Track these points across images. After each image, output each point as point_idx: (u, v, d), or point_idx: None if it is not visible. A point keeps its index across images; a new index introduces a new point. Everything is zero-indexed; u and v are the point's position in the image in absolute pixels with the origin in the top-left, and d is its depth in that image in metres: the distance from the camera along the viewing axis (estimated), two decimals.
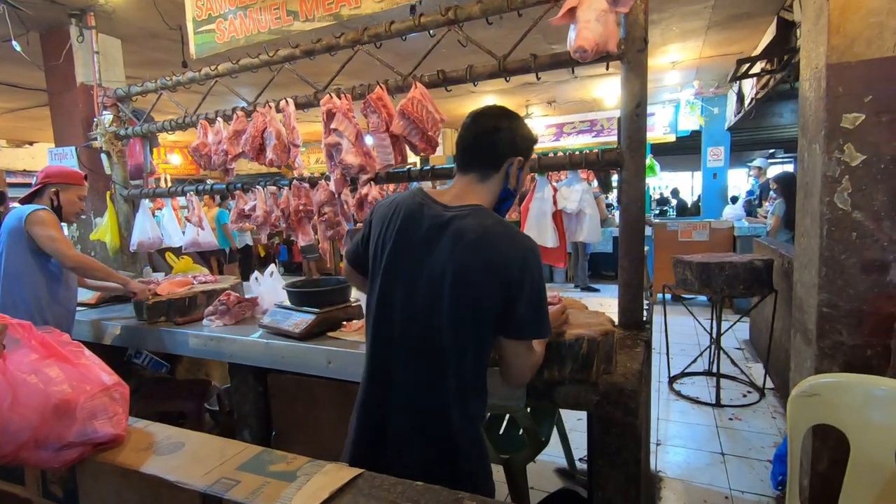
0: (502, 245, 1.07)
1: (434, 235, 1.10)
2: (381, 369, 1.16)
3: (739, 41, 5.06)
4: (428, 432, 1.10)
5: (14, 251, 2.12)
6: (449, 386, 1.09)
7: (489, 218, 1.11)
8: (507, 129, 1.16)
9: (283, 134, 2.43)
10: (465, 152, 1.20)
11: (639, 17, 1.77)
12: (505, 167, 1.17)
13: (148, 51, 4.48)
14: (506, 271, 1.05)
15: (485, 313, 1.07)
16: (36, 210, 2.11)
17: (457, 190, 1.19)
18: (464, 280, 1.06)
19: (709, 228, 5.85)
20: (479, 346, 1.11)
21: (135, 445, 0.97)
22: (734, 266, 3.10)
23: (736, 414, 3.15)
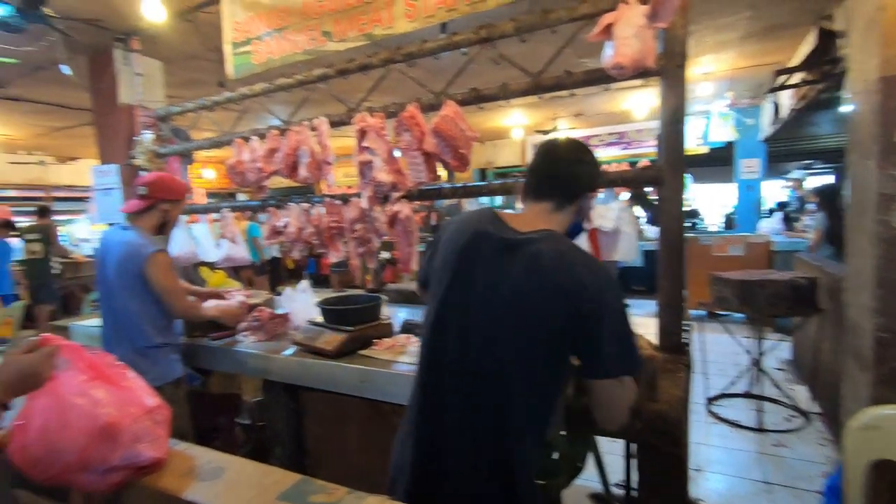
0: (578, 272, 1.01)
1: (504, 258, 1.06)
2: (434, 397, 1.10)
3: (776, 52, 4.93)
4: (484, 467, 1.04)
5: (136, 289, 2.03)
6: (508, 420, 1.02)
7: (565, 243, 1.07)
8: (588, 164, 1.18)
9: (317, 152, 2.46)
10: (543, 180, 1.18)
11: (678, 32, 1.73)
12: (579, 201, 1.17)
13: (187, 72, 4.64)
14: (581, 300, 0.98)
15: (554, 343, 1.01)
16: (156, 253, 2.02)
17: (530, 216, 1.16)
18: (533, 306, 1.01)
19: (744, 243, 5.66)
20: (546, 377, 1.04)
21: (176, 469, 0.98)
22: (776, 284, 2.97)
23: (780, 440, 3.00)
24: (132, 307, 2.04)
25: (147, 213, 2.13)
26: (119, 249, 2.06)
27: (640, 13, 1.68)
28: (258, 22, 2.76)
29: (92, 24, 3.46)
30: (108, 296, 2.11)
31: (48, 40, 3.34)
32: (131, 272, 2.02)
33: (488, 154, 10.35)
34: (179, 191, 2.22)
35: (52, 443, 0.94)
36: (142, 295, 2.03)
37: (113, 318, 2.10)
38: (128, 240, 2.06)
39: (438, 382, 1.10)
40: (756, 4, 3.73)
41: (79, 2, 3.24)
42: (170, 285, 2.05)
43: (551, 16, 1.91)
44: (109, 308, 2.11)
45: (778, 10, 3.88)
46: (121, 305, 2.06)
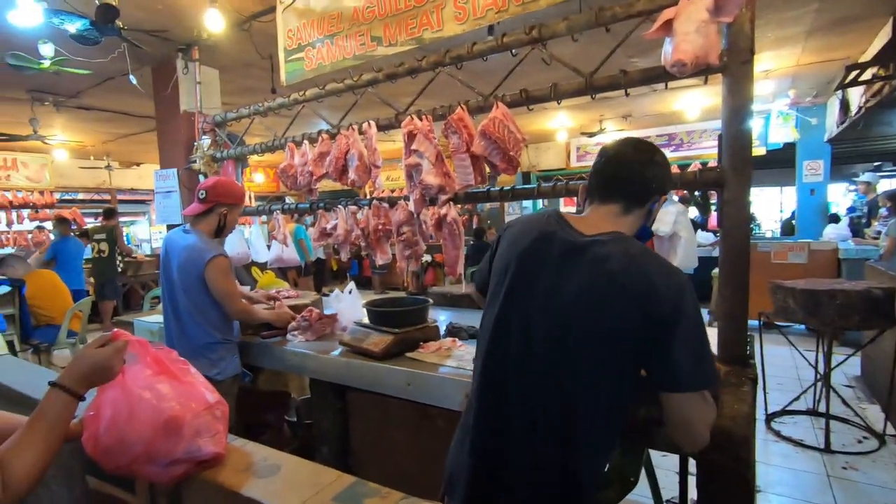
0: (651, 275, 0.95)
1: (569, 260, 1.02)
2: (493, 404, 1.07)
3: (845, 46, 4.62)
4: (547, 480, 1.00)
5: (196, 290, 2.12)
6: (573, 432, 0.98)
7: (635, 246, 1.01)
8: (660, 165, 1.13)
9: (365, 155, 2.49)
10: (611, 181, 1.12)
11: (744, 27, 1.64)
12: (649, 204, 1.12)
13: (241, 79, 4.84)
14: (654, 305, 0.93)
15: (623, 350, 0.96)
16: (216, 257, 2.11)
17: (596, 218, 1.11)
18: (600, 310, 0.96)
19: (807, 250, 5.32)
20: (613, 387, 0.99)
21: (234, 465, 1.00)
22: (847, 294, 2.76)
23: (850, 462, 2.78)
24: (193, 307, 2.14)
25: (206, 216, 2.22)
26: (181, 253, 2.16)
27: (702, 7, 1.60)
28: (310, 29, 2.83)
29: (158, 35, 3.66)
30: (171, 295, 2.22)
31: (117, 52, 3.56)
32: (192, 275, 2.12)
33: (532, 157, 10.22)
34: (237, 195, 2.31)
35: (121, 434, 0.98)
36: (202, 296, 2.13)
37: (176, 317, 2.21)
38: (189, 244, 2.16)
39: (498, 389, 1.06)
40: None
41: (147, 14, 3.44)
42: (227, 288, 2.14)
43: (606, 13, 1.85)
44: (173, 307, 2.21)
45: (849, 2, 3.63)
46: (183, 305, 2.16)
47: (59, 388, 0.92)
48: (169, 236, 2.30)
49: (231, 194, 2.27)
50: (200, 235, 2.19)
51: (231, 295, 2.15)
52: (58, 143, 7.16)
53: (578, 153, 9.34)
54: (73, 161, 8.95)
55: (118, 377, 1.01)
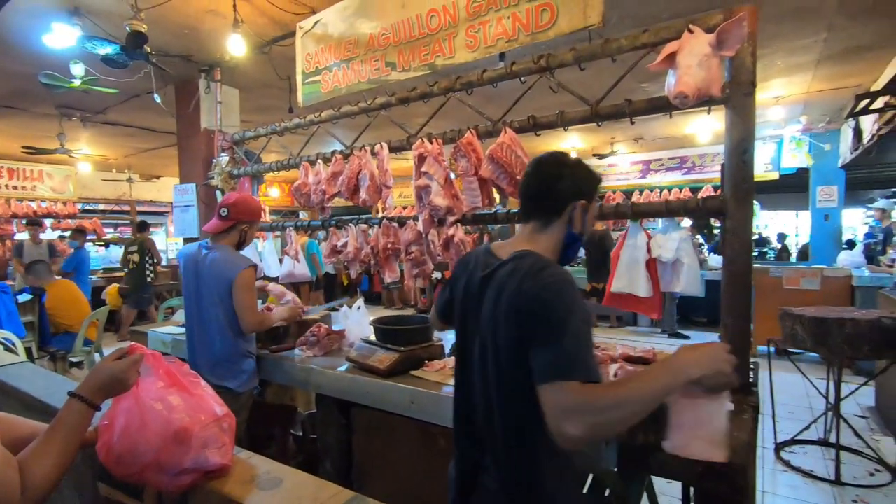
0: (523, 283, 1.03)
1: (484, 287, 1.13)
2: (465, 423, 1.20)
3: (856, 74, 4.64)
4: (511, 489, 1.09)
5: (230, 301, 2.17)
6: (525, 441, 1.07)
7: (527, 262, 1.07)
8: (568, 175, 1.18)
9: (377, 176, 2.56)
10: (528, 201, 1.21)
11: (745, 60, 1.69)
12: (568, 211, 1.16)
13: (260, 98, 5.00)
14: (525, 308, 1.01)
15: (526, 359, 1.00)
16: (248, 268, 2.19)
17: (517, 240, 1.21)
18: (502, 328, 1.06)
19: (820, 276, 5.26)
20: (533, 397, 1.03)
21: (239, 477, 1.04)
22: (857, 324, 2.74)
23: (861, 496, 2.72)
24: (225, 318, 2.19)
25: (228, 232, 2.29)
26: (213, 265, 2.21)
27: (704, 42, 1.65)
28: (327, 54, 2.94)
29: (183, 58, 3.82)
30: (197, 309, 2.26)
31: (143, 72, 3.72)
32: (225, 286, 2.17)
33: None
34: (257, 212, 2.39)
35: (132, 443, 1.02)
36: (231, 308, 2.19)
37: (202, 330, 2.25)
38: (221, 256, 2.22)
39: (465, 412, 1.20)
40: (834, 26, 3.55)
41: (174, 38, 3.60)
42: (248, 300, 2.19)
43: (612, 45, 1.91)
44: (199, 320, 2.26)
45: (859, 32, 3.66)
46: (212, 317, 2.20)
47: (77, 398, 0.98)
48: (189, 251, 2.36)
49: (251, 211, 2.35)
50: (229, 250, 2.26)
51: (251, 308, 2.20)
52: (82, 157, 7.41)
53: None
54: (95, 173, 9.23)
55: (132, 389, 1.06)
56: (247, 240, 2.36)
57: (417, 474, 1.94)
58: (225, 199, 2.32)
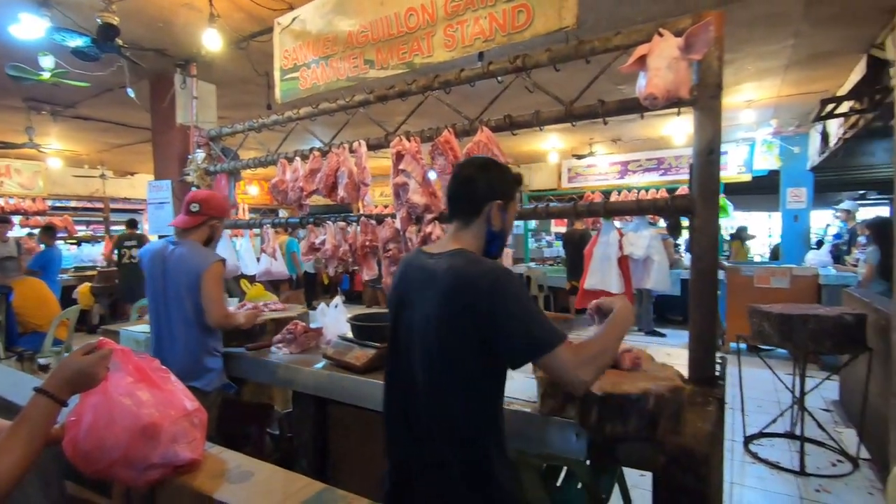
0: (468, 277, 1.11)
1: (419, 286, 1.20)
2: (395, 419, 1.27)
3: (823, 79, 4.80)
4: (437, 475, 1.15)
5: (196, 297, 2.14)
6: (455, 427, 1.14)
7: (460, 257, 1.17)
8: (482, 178, 1.26)
9: (355, 173, 2.56)
10: (450, 202, 1.30)
11: (713, 64, 1.74)
12: (485, 211, 1.24)
13: (237, 94, 4.93)
14: (476, 301, 1.08)
15: (471, 349, 1.10)
16: (217, 262, 2.16)
17: (444, 240, 1.30)
18: (444, 322, 1.12)
19: (789, 275, 5.43)
20: (478, 385, 1.14)
21: (209, 471, 1.04)
22: (821, 320, 2.84)
23: (824, 485, 2.83)
24: (194, 315, 2.15)
25: (198, 228, 2.26)
26: (180, 261, 2.17)
27: (673, 45, 1.70)
28: (306, 50, 2.93)
29: (157, 52, 3.75)
30: (164, 307, 2.21)
31: (116, 66, 3.64)
32: (193, 283, 2.13)
33: (524, 177, 10.37)
34: (226, 209, 2.38)
35: (99, 439, 1.01)
36: (199, 305, 2.15)
37: (169, 328, 2.20)
38: (189, 251, 2.18)
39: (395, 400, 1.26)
40: (801, 33, 3.67)
41: (147, 32, 3.53)
42: (216, 293, 2.17)
43: (585, 47, 1.95)
44: (166, 318, 2.20)
45: (824, 38, 3.79)
46: (179, 315, 2.16)
47: (42, 393, 0.96)
48: (155, 247, 2.30)
49: (222, 208, 2.33)
50: (197, 245, 2.23)
51: (218, 301, 2.18)
52: (52, 152, 7.20)
53: (570, 174, 9.49)
54: (66, 169, 8.97)
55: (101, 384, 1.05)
56: (215, 236, 2.34)
57: None
58: (194, 194, 2.30)
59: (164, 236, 2.52)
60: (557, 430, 1.50)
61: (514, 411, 1.59)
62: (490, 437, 1.17)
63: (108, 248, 8.63)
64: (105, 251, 8.58)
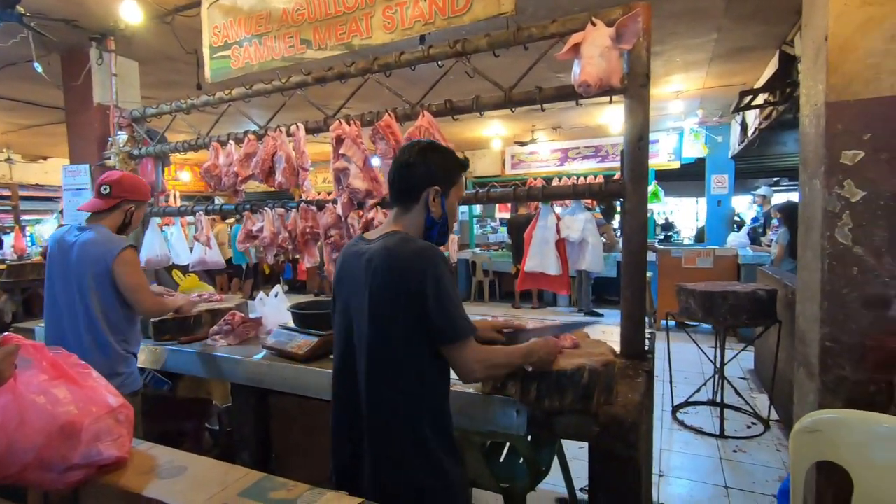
0: (402, 260, 1.14)
1: (356, 270, 1.21)
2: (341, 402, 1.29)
3: (742, 73, 5.15)
4: (382, 457, 1.18)
5: (105, 288, 1.94)
6: (391, 409, 1.17)
7: (394, 238, 1.18)
8: (420, 163, 1.25)
9: (293, 157, 2.48)
10: (390, 187, 1.30)
11: (641, 54, 1.82)
12: (423, 197, 1.24)
13: (164, 73, 4.60)
14: (407, 283, 1.12)
15: (404, 330, 1.14)
16: (126, 248, 1.95)
17: (385, 224, 1.30)
18: (378, 303, 1.14)
19: (713, 256, 5.85)
20: (412, 366, 1.17)
21: (138, 468, 0.99)
22: (737, 296, 3.09)
23: (740, 446, 3.11)
24: (98, 310, 1.94)
25: (110, 212, 2.04)
26: (83, 249, 1.95)
27: (605, 34, 1.76)
28: (237, 27, 2.78)
29: (67, 23, 3.42)
30: (66, 300, 1.98)
31: (20, 37, 3.29)
32: (100, 271, 1.92)
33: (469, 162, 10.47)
34: (144, 191, 2.15)
35: (9, 442, 0.94)
36: (109, 296, 1.95)
37: (72, 323, 1.97)
38: (92, 238, 1.97)
39: (341, 395, 1.29)
40: (723, 28, 3.90)
41: (54, 1, 3.21)
42: (138, 282, 1.98)
43: (523, 33, 1.98)
44: (70, 313, 1.97)
45: (743, 34, 4.06)
46: (82, 308, 1.94)
47: None
48: (58, 235, 2.06)
49: (138, 190, 2.11)
50: (106, 230, 2.01)
51: (142, 288, 1.99)
52: None
53: (513, 161, 9.66)
54: None
55: (9, 383, 0.97)
56: (133, 222, 2.12)
57: None
58: (106, 175, 2.06)
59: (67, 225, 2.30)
60: (499, 407, 1.54)
61: (457, 392, 1.62)
62: (425, 418, 1.19)
63: (18, 240, 7.88)
64: (15, 243, 7.82)
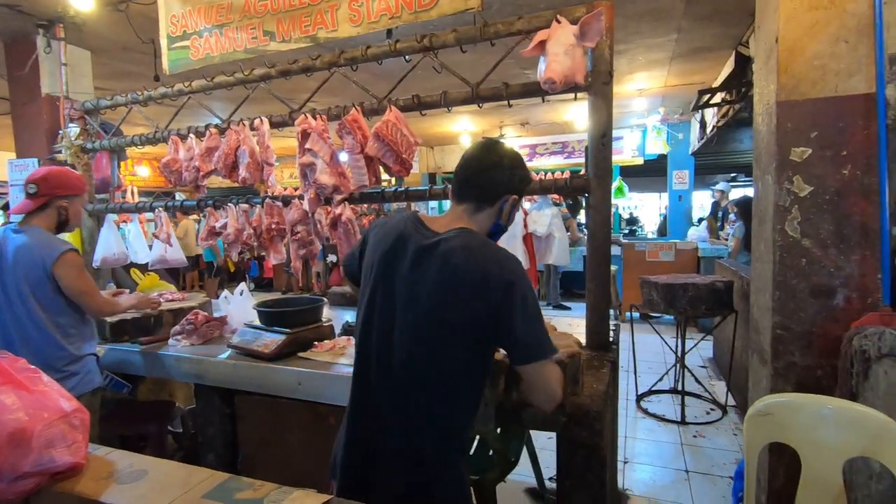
0: (486, 265, 1.06)
1: (421, 259, 1.10)
2: (366, 397, 1.16)
3: (701, 72, 5.32)
4: (407, 459, 1.10)
5: (45, 292, 1.87)
6: (436, 418, 1.09)
7: (476, 239, 1.12)
8: (508, 168, 1.20)
9: (257, 152, 2.42)
10: (465, 183, 1.21)
11: (604, 52, 1.86)
12: (500, 203, 1.19)
13: (119, 63, 4.41)
14: (489, 292, 1.04)
15: (472, 335, 1.06)
16: (66, 252, 1.88)
17: (450, 217, 1.21)
18: (448, 301, 1.06)
19: (674, 249, 6.05)
20: (465, 370, 1.10)
21: (95, 474, 0.95)
22: (697, 287, 3.22)
23: (700, 431, 3.24)
24: (42, 312, 1.87)
25: (42, 211, 1.97)
26: (19, 253, 1.88)
27: (570, 32, 1.79)
28: (196, 17, 2.68)
29: (9, 8, 3.23)
30: (6, 304, 1.90)
31: None
32: (39, 275, 1.85)
33: (437, 159, 10.48)
34: (75, 185, 2.04)
35: None
36: (52, 299, 1.88)
37: (17, 327, 1.89)
38: (28, 242, 1.89)
39: (369, 383, 1.15)
40: (683, 28, 4.02)
41: None
42: (83, 285, 1.91)
43: (490, 29, 1.99)
44: (16, 319, 1.89)
45: (702, 35, 4.20)
46: (23, 313, 1.87)
47: None
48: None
49: (68, 185, 2.01)
50: (41, 232, 1.93)
51: (89, 292, 1.92)
52: None
53: None
54: None
55: None
56: (70, 219, 2.04)
57: (309, 456, 1.92)
58: (32, 173, 1.98)
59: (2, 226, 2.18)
60: None
61: None
62: (467, 431, 1.15)
63: None
64: None
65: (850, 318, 1.76)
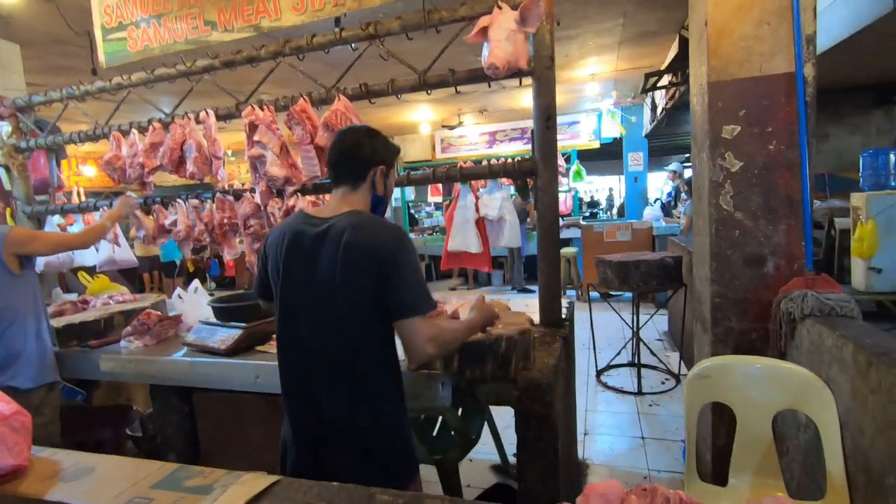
0: (374, 233, 1.18)
1: (317, 247, 1.21)
2: (293, 379, 1.27)
3: (649, 56, 5.48)
4: (344, 431, 1.21)
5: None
6: (358, 383, 1.20)
7: (361, 216, 1.23)
8: (367, 144, 1.31)
9: (205, 146, 2.37)
10: (335, 168, 1.32)
11: (545, 37, 1.90)
12: (370, 176, 1.30)
13: (52, 57, 4.18)
14: (380, 254, 1.15)
15: (374, 302, 1.17)
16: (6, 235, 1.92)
17: (333, 203, 1.31)
18: (347, 276, 1.16)
19: (631, 229, 6.26)
20: (378, 338, 1.21)
21: (39, 475, 0.94)
22: (648, 263, 3.36)
23: (655, 400, 3.40)
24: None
25: None
26: None
27: (511, 18, 1.82)
28: (132, 7, 2.58)
29: None
30: None
31: None
32: None
33: None
34: None
35: None
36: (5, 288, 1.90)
37: None
38: None
39: (293, 367, 1.27)
40: (628, 13, 4.13)
41: None
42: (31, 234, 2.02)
43: (434, 16, 2.01)
44: None
45: (647, 19, 4.33)
46: None
47: None
48: None
49: None
50: None
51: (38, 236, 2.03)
52: None
53: (443, 145, 9.72)
54: None
55: None
56: None
57: (270, 448, 1.92)
58: None
59: None
60: (425, 382, 1.60)
61: None
62: (391, 388, 1.25)
63: None
64: None
65: (779, 284, 1.89)
